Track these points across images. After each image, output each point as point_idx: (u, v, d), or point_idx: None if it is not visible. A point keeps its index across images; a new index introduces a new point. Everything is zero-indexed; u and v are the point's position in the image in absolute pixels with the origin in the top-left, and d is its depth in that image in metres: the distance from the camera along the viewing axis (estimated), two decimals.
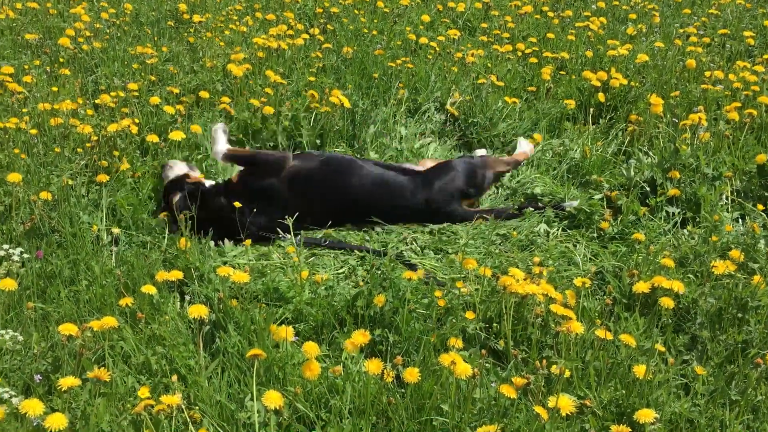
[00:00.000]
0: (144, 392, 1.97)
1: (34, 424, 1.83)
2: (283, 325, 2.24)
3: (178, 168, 3.26)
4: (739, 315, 2.39)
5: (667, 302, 2.28)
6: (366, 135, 3.74)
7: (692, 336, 2.40)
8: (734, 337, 2.30)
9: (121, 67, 4.26)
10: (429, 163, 3.41)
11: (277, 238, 3.01)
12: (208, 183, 3.23)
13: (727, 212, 3.07)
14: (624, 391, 2.08)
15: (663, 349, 2.23)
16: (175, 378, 2.09)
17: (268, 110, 3.68)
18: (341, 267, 2.88)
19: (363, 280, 2.64)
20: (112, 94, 3.71)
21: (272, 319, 2.36)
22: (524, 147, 3.68)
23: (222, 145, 3.34)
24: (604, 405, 2.08)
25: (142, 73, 4.14)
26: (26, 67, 4.17)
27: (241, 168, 3.25)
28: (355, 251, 2.94)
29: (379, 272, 2.55)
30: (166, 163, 3.30)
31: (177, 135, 3.33)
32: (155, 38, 4.81)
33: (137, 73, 4.15)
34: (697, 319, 2.42)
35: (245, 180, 3.16)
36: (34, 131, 3.30)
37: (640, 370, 2.06)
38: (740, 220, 3.07)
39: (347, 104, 3.73)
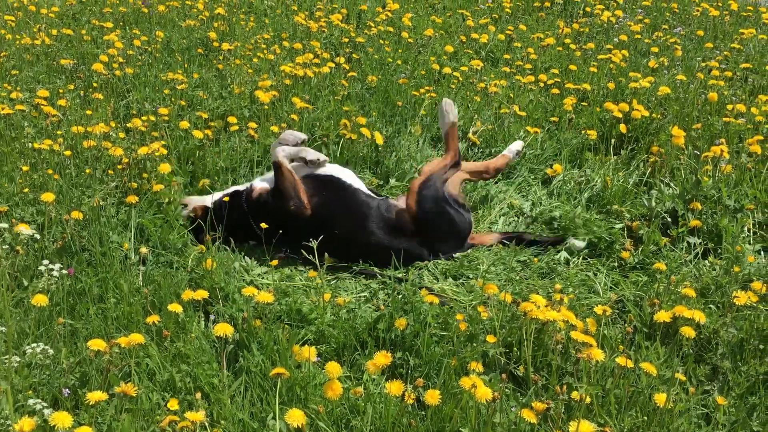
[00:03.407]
0: (173, 404, 2.01)
1: None
2: (306, 346, 2.28)
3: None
4: (761, 346, 2.38)
5: (688, 332, 2.28)
6: (389, 161, 3.79)
7: (713, 366, 2.39)
8: (756, 368, 2.29)
9: (152, 92, 4.37)
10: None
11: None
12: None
13: (749, 244, 3.07)
14: (645, 419, 2.08)
15: (684, 378, 2.23)
16: (198, 395, 2.12)
17: None
18: (363, 290, 2.92)
19: (384, 304, 2.67)
20: (143, 118, 3.81)
21: (295, 340, 2.40)
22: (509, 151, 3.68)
23: (288, 150, 3.24)
24: None
25: (172, 99, 4.24)
26: (61, 91, 4.30)
27: (266, 184, 3.23)
28: (377, 275, 2.98)
29: (401, 296, 2.58)
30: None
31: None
32: (185, 65, 4.94)
33: (167, 98, 4.26)
34: (718, 350, 2.42)
35: (265, 200, 3.17)
36: (67, 153, 3.39)
37: (660, 398, 2.06)
38: (762, 253, 3.06)
39: (376, 139, 3.79)
